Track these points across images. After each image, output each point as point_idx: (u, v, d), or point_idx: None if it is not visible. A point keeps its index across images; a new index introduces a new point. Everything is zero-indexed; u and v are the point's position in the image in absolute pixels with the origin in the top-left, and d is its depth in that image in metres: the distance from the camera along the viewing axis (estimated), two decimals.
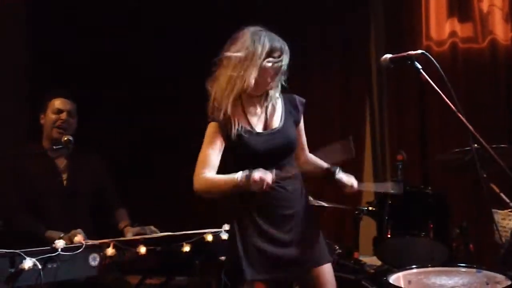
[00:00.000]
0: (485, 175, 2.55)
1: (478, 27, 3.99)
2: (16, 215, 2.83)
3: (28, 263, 2.12)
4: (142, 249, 2.45)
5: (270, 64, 2.24)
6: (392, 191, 2.68)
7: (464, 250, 3.09)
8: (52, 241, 2.29)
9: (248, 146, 2.26)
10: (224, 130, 2.28)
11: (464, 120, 2.08)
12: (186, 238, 2.61)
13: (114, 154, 3.77)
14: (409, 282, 2.29)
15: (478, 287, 2.23)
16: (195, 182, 2.26)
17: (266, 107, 2.35)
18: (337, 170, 2.36)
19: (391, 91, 4.33)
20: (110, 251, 2.35)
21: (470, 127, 2.08)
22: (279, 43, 2.28)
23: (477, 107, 3.85)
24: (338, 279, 2.43)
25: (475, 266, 2.37)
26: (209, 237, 2.66)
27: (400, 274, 2.37)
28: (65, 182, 2.97)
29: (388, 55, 2.29)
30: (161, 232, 2.87)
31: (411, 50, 2.22)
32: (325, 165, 2.41)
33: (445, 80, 2.11)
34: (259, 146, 2.27)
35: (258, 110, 2.35)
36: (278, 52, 2.26)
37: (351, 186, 2.36)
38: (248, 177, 2.13)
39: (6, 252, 2.11)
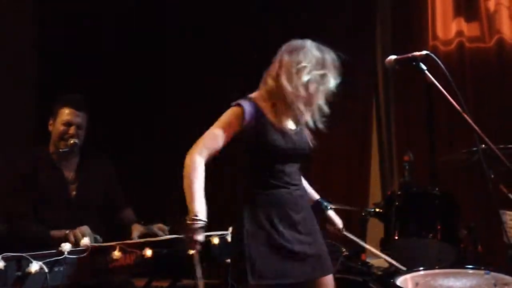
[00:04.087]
0: (493, 176, 2.53)
1: (485, 26, 3.96)
2: (21, 221, 2.81)
3: (34, 266, 2.13)
4: (148, 252, 2.45)
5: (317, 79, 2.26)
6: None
7: (472, 251, 3.07)
8: (57, 239, 2.28)
9: (272, 142, 2.24)
10: (247, 120, 2.23)
11: (470, 121, 2.06)
12: None
13: (122, 154, 3.77)
14: (417, 284, 2.27)
15: None
16: (188, 158, 2.21)
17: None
18: (328, 206, 2.45)
19: (397, 91, 4.31)
20: (116, 254, 2.35)
21: (476, 127, 2.06)
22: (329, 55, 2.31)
23: (484, 107, 3.83)
24: (345, 281, 2.42)
25: (483, 267, 2.35)
26: (215, 240, 2.66)
27: (408, 276, 2.35)
28: (73, 194, 2.92)
29: (393, 56, 2.28)
30: (167, 234, 2.86)
31: (417, 50, 2.21)
32: (316, 196, 2.51)
33: (451, 80, 2.09)
34: (282, 143, 2.26)
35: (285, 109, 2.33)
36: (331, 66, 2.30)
37: (338, 229, 2.49)
38: (188, 226, 2.10)
39: (13, 255, 2.12)
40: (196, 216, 2.12)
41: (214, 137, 2.23)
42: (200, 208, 2.13)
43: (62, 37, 4.79)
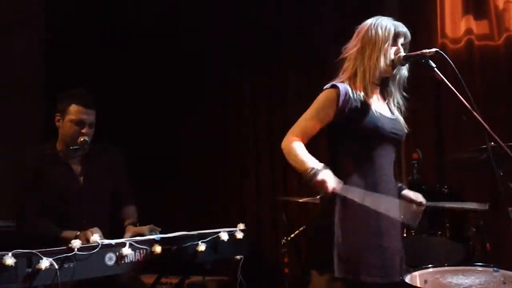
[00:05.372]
0: (501, 174, 2.52)
1: (494, 24, 3.94)
2: (32, 218, 2.83)
3: (45, 263, 2.13)
4: (158, 249, 2.46)
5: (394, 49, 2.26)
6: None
7: (480, 249, 3.06)
8: (68, 241, 2.30)
9: (376, 123, 2.20)
10: (344, 101, 2.17)
11: (480, 118, 2.06)
12: (202, 237, 2.61)
13: (132, 150, 3.77)
14: (425, 281, 2.28)
15: (495, 287, 2.21)
16: (284, 142, 2.17)
17: (384, 94, 2.35)
18: (402, 186, 2.35)
19: (405, 89, 4.30)
20: (126, 250, 2.36)
21: (486, 125, 2.06)
22: (404, 28, 2.31)
23: (493, 105, 3.82)
24: None
25: (492, 265, 2.35)
26: (225, 236, 2.66)
27: (416, 273, 2.35)
28: (82, 186, 2.94)
29: (402, 54, 2.28)
30: (175, 231, 2.86)
31: (426, 48, 2.21)
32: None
33: (460, 78, 2.09)
34: (386, 126, 2.23)
35: (376, 96, 2.32)
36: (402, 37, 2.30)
37: (420, 203, 2.32)
38: (314, 174, 2.04)
39: (23, 252, 2.12)
40: (310, 168, 2.07)
41: (308, 123, 2.20)
42: (311, 162, 2.09)
43: (67, 36, 4.82)
